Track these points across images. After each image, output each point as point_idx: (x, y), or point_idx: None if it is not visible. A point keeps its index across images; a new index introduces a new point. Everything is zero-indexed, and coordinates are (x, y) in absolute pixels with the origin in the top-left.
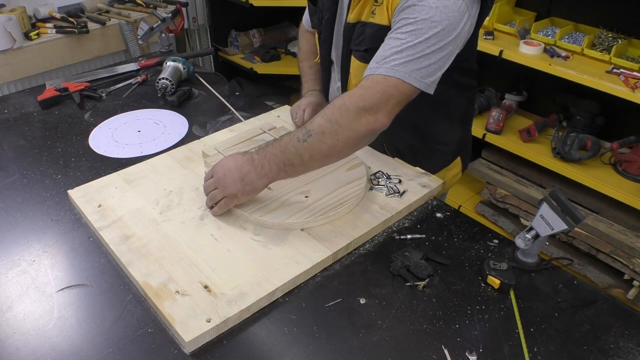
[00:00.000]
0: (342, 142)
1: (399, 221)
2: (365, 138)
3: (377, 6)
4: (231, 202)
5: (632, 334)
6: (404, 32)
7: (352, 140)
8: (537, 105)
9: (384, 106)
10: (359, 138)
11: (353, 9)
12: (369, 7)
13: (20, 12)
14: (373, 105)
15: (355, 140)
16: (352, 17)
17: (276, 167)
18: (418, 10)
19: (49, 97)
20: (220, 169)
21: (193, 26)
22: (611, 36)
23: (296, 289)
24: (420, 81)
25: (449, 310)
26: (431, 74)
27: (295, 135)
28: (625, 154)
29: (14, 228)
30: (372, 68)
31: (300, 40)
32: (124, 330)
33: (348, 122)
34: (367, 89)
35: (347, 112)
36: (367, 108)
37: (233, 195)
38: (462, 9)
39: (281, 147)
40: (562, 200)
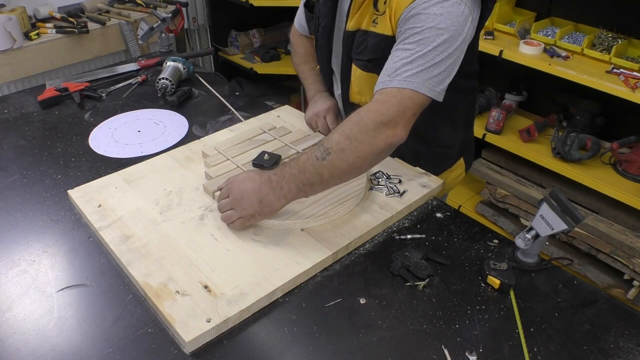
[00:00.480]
0: (362, 159)
1: (399, 221)
2: (384, 153)
3: (379, 15)
4: (247, 222)
5: (632, 334)
6: (411, 42)
7: (371, 155)
8: (537, 105)
9: (401, 119)
10: (379, 153)
11: (352, 17)
12: (369, 15)
13: (20, 12)
14: (391, 120)
15: (375, 156)
16: (352, 25)
17: (295, 188)
18: (423, 19)
19: (49, 97)
20: (237, 191)
21: (193, 26)
22: (611, 36)
23: (296, 289)
24: (432, 90)
25: (449, 310)
26: (441, 82)
27: (313, 154)
28: (625, 154)
29: (14, 228)
30: (385, 81)
31: (294, 44)
32: (124, 330)
33: (367, 138)
34: (383, 103)
35: (366, 128)
36: (385, 122)
37: (250, 216)
38: (465, 13)
39: (299, 167)
40: (562, 200)
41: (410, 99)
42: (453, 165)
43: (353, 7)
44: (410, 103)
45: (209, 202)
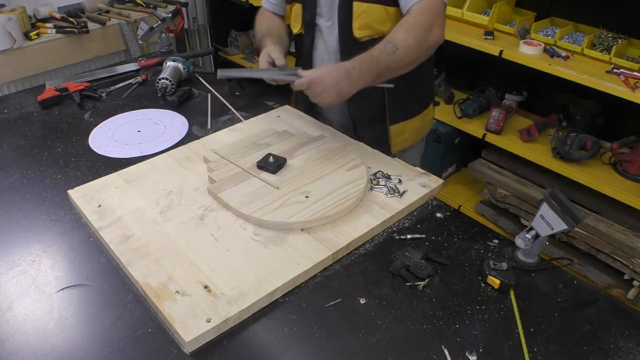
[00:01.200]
0: (423, 52)
1: (399, 221)
2: (432, 51)
3: None
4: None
5: (632, 334)
6: None
7: (428, 50)
8: (537, 105)
9: (440, 21)
10: (432, 48)
11: None
12: None
13: (20, 12)
14: (434, 22)
15: (429, 51)
16: None
17: (370, 79)
18: None
19: (49, 97)
20: (319, 85)
21: (193, 26)
22: (611, 36)
23: (296, 289)
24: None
25: (449, 310)
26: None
27: (384, 49)
28: (625, 154)
29: (14, 228)
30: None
31: (258, 24)
32: (124, 330)
33: (425, 36)
34: (423, 12)
35: (423, 27)
36: (432, 24)
37: (326, 104)
38: None
39: (375, 59)
40: (562, 200)
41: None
42: (428, 107)
43: None
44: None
45: (209, 202)
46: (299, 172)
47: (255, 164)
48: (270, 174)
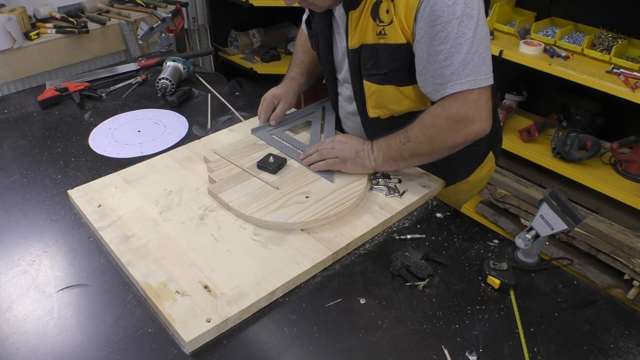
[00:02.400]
0: (440, 150)
1: (399, 221)
2: (463, 145)
3: (386, 26)
4: (338, 165)
5: (632, 334)
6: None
7: (447, 149)
8: (537, 105)
9: (476, 114)
10: (455, 147)
11: (353, 35)
12: (371, 29)
13: (20, 12)
14: (463, 117)
15: (452, 148)
16: (354, 43)
17: (382, 157)
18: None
19: (49, 97)
20: (344, 138)
21: (193, 26)
22: (611, 36)
23: (296, 289)
24: (486, 78)
25: (449, 310)
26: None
27: (399, 136)
28: (625, 154)
29: (14, 228)
30: (439, 91)
31: (296, 41)
32: (124, 330)
33: (442, 137)
34: (450, 107)
35: (440, 129)
36: (458, 121)
37: (344, 158)
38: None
39: (387, 142)
40: (562, 200)
41: (473, 95)
42: (484, 160)
43: (350, 24)
44: (475, 97)
45: (209, 202)
46: (299, 172)
47: (255, 164)
48: (271, 174)
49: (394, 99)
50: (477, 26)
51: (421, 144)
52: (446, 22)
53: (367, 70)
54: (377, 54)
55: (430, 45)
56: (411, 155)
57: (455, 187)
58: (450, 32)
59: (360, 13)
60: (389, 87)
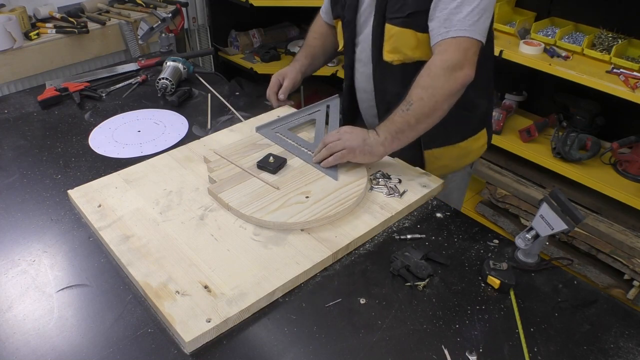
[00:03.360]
0: (440, 101)
1: (399, 221)
2: (459, 92)
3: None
4: (348, 156)
5: (632, 334)
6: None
7: (447, 97)
8: (537, 105)
9: (465, 60)
10: (454, 94)
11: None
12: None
13: (20, 12)
14: (456, 63)
15: (451, 96)
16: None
17: (390, 136)
18: None
19: (49, 97)
20: (349, 129)
21: (193, 26)
22: (611, 36)
23: (296, 289)
24: (482, 35)
25: (449, 310)
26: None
27: (400, 108)
28: (625, 154)
29: (14, 228)
30: (442, 33)
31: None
32: (124, 330)
33: (440, 83)
34: (445, 52)
35: (437, 75)
36: (452, 67)
37: (353, 149)
38: None
39: (391, 120)
40: (562, 200)
41: (467, 44)
42: (477, 133)
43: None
44: (468, 46)
45: (209, 202)
46: (299, 172)
47: (255, 164)
48: (270, 174)
49: (410, 43)
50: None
51: (422, 100)
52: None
53: (392, 13)
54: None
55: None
56: (417, 119)
57: (446, 150)
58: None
59: None
60: (408, 31)
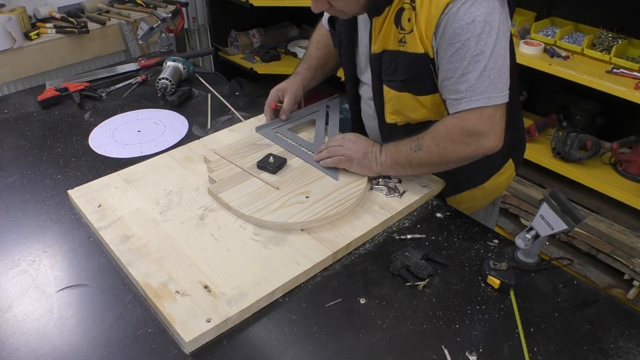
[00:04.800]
0: (449, 162)
1: (399, 221)
2: (474, 159)
3: (406, 34)
4: (345, 164)
5: (632, 334)
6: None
7: (460, 160)
8: (537, 105)
9: (490, 130)
10: (468, 159)
11: (376, 40)
12: (393, 35)
13: (20, 12)
14: (477, 132)
15: (462, 161)
16: (377, 48)
17: (390, 161)
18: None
19: (49, 97)
20: (354, 137)
21: (193, 26)
22: (611, 36)
23: (296, 289)
24: (502, 95)
25: (449, 310)
26: (506, 81)
27: (410, 143)
28: (625, 154)
29: (14, 228)
30: (454, 105)
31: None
32: (124, 330)
33: (454, 148)
34: (465, 120)
35: (453, 140)
36: (472, 134)
37: (351, 158)
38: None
39: (397, 148)
40: (562, 200)
41: (489, 112)
42: (501, 168)
43: (374, 29)
44: (492, 113)
45: (209, 202)
46: (299, 172)
47: (255, 164)
48: (271, 174)
49: (411, 106)
50: (496, 43)
51: (432, 154)
52: (465, 40)
53: (387, 75)
54: (396, 60)
55: (448, 61)
56: (419, 164)
57: (470, 193)
58: (468, 50)
59: (384, 19)
60: (406, 95)
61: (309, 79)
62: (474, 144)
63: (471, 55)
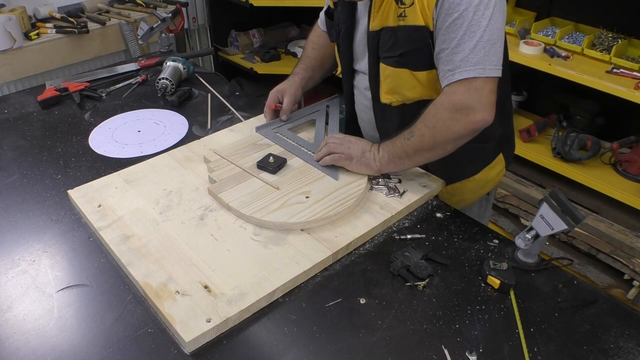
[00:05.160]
0: (442, 142)
1: (399, 221)
2: (467, 137)
3: (406, 7)
4: (343, 161)
5: (632, 334)
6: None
7: (452, 140)
8: (537, 105)
9: (478, 104)
10: (460, 137)
11: (375, 17)
12: (392, 11)
13: (20, 12)
14: (466, 106)
15: (455, 140)
16: (375, 25)
17: (387, 156)
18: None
19: (49, 97)
20: (354, 138)
21: (193, 26)
22: (611, 36)
23: (296, 289)
24: (495, 69)
25: (449, 310)
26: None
27: (403, 134)
28: (625, 154)
29: (14, 228)
30: (447, 77)
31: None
32: (124, 330)
33: (444, 126)
34: (453, 94)
35: (442, 118)
36: (460, 109)
37: (350, 156)
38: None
39: (393, 142)
40: (562, 200)
41: (479, 84)
42: (492, 161)
43: (374, 7)
44: (480, 85)
45: (209, 202)
46: (299, 172)
47: (255, 164)
48: (270, 174)
49: (407, 83)
50: (493, 17)
51: (423, 136)
52: (463, 10)
53: (384, 52)
54: (395, 35)
55: (445, 32)
56: (414, 151)
57: (461, 185)
58: (465, 19)
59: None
60: (403, 71)
61: (307, 79)
62: (463, 118)
63: (467, 25)
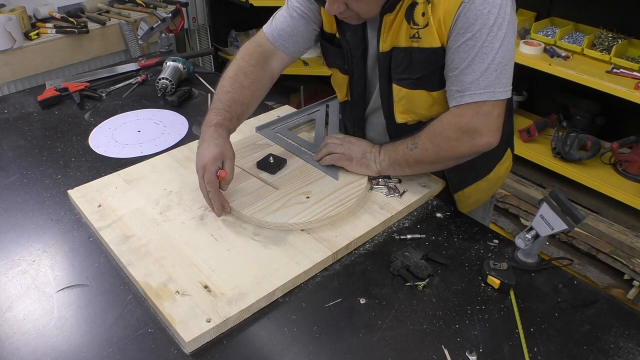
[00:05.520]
0: (444, 160)
1: (399, 221)
2: (469, 156)
3: (421, 29)
4: (343, 161)
5: (632, 334)
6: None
7: (452, 159)
8: (537, 105)
9: (485, 127)
10: (461, 157)
11: (385, 38)
12: (404, 31)
13: (20, 12)
14: (472, 129)
15: (457, 159)
16: (386, 46)
17: (388, 160)
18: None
19: (49, 97)
20: (354, 139)
21: (193, 26)
22: (611, 36)
23: (296, 289)
24: (505, 91)
25: (449, 310)
26: (510, 77)
27: (407, 142)
28: (625, 154)
29: (14, 228)
30: (457, 97)
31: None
32: (124, 330)
33: (449, 146)
34: (461, 116)
35: (448, 138)
36: (466, 132)
37: (350, 157)
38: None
39: (395, 148)
40: (562, 200)
41: (487, 108)
42: (503, 157)
43: (384, 26)
44: (489, 109)
45: None
46: (299, 172)
47: (255, 164)
48: (270, 174)
49: (424, 104)
50: (505, 37)
51: (427, 151)
52: (477, 31)
53: (397, 74)
54: (409, 57)
55: (455, 51)
56: (416, 162)
57: (476, 186)
58: (478, 40)
59: (395, 15)
60: (420, 92)
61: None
62: (469, 140)
63: (480, 46)
